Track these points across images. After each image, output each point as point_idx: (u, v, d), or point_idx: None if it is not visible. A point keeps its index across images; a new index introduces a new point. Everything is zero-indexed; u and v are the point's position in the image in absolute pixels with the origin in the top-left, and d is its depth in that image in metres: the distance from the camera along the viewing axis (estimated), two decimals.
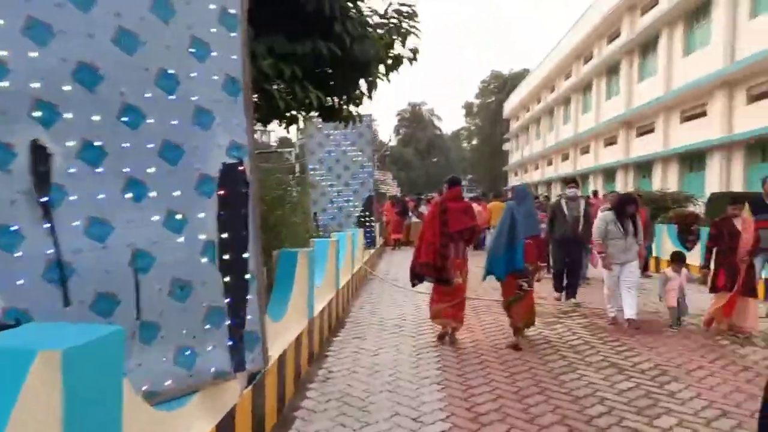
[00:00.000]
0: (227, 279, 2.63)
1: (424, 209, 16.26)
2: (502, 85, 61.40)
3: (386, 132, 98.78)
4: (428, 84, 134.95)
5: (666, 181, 20.09)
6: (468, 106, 67.92)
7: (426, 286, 6.88)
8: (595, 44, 28.43)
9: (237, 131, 2.69)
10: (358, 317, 7.69)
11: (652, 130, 21.94)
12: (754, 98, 15.84)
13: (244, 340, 2.73)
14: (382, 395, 4.38)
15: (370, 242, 12.60)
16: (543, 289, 8.55)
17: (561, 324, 7.01)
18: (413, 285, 6.57)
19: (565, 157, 34.29)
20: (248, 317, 2.75)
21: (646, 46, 23.07)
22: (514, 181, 49.06)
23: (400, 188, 41.95)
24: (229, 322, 2.66)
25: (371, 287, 10.30)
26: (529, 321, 6.18)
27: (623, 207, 6.91)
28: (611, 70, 26.82)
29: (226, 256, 2.63)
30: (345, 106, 5.46)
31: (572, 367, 5.14)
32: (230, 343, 2.66)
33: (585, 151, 30.69)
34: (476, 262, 7.67)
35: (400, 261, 10.71)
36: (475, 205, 8.75)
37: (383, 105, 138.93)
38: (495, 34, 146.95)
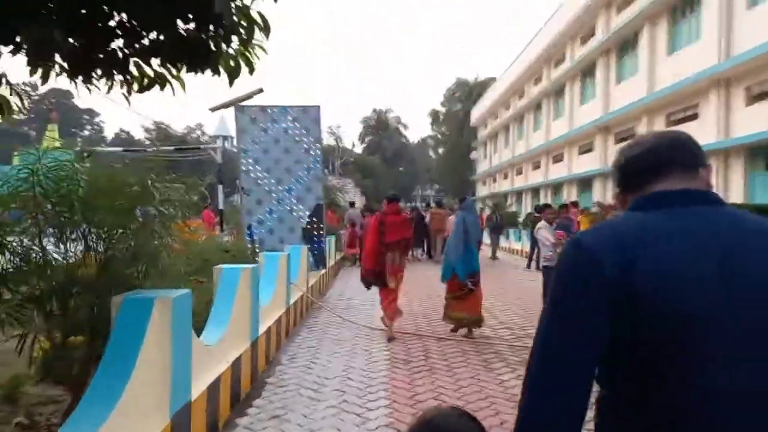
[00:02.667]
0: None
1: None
2: (468, 92, 60.01)
3: (350, 139, 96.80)
4: (394, 91, 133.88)
5: None
6: (434, 114, 66.30)
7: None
8: (567, 45, 26.84)
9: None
10: (284, 377, 5.42)
11: (633, 136, 20.25)
12: (754, 98, 14.18)
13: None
14: None
15: (319, 261, 10.29)
16: None
17: None
18: (368, 288, 7.36)
19: (536, 166, 32.61)
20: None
21: (625, 44, 21.47)
22: (482, 190, 47.37)
23: (365, 197, 39.81)
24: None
25: (315, 323, 7.96)
26: (474, 318, 7.03)
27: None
28: (586, 72, 25.22)
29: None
30: (213, 41, 3.17)
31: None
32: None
33: (558, 159, 29.00)
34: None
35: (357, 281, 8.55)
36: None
37: (347, 111, 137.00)
38: (461, 42, 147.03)
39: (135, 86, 3.68)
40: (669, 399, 1.08)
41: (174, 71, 3.66)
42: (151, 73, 3.65)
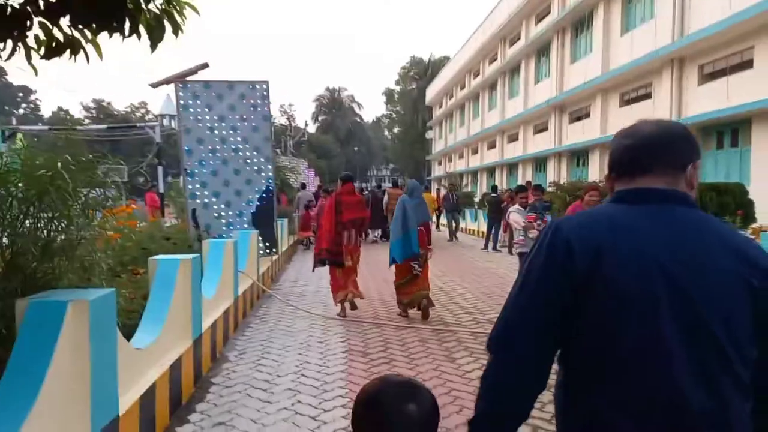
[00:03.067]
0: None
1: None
2: (423, 71, 59.74)
3: (303, 118, 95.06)
4: (347, 69, 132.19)
5: (604, 170, 18.53)
6: (388, 93, 65.85)
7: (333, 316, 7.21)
8: (522, 24, 26.71)
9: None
10: (232, 376, 4.98)
11: (587, 115, 20.36)
12: (707, 77, 14.32)
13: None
14: None
15: (270, 247, 9.75)
16: None
17: None
18: (314, 269, 7.78)
19: (492, 146, 32.65)
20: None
21: (580, 23, 21.46)
22: (437, 170, 47.35)
23: (319, 177, 39.09)
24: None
25: (266, 313, 7.49)
26: (422, 295, 6.99)
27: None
28: (541, 51, 25.18)
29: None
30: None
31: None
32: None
33: (513, 138, 29.06)
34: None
35: (311, 266, 8.11)
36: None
37: (300, 89, 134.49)
38: (415, 19, 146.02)
39: (41, 51, 3.11)
40: (611, 381, 1.15)
41: (88, 34, 3.11)
42: (60, 36, 3.08)
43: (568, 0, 21.77)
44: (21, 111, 67.13)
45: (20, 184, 3.20)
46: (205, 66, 11.31)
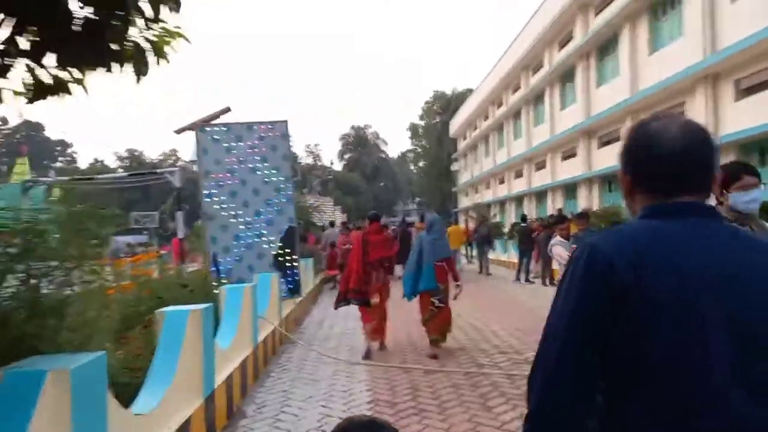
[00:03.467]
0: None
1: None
2: (446, 104, 59.98)
3: (329, 156, 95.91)
4: (371, 107, 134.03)
5: None
6: (413, 128, 66.02)
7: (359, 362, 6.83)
8: (545, 51, 26.48)
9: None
10: None
11: (618, 139, 19.77)
12: (743, 92, 13.69)
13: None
14: None
15: (292, 288, 9.44)
16: None
17: None
18: (336, 308, 7.51)
19: (519, 174, 32.11)
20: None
21: (605, 46, 21.08)
22: (464, 201, 46.85)
23: (346, 214, 39.09)
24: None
25: (288, 360, 7.10)
26: (444, 332, 7.05)
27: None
28: (565, 77, 24.83)
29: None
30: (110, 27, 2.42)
31: None
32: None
33: (541, 166, 28.50)
34: None
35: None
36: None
37: (326, 129, 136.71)
38: (435, 56, 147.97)
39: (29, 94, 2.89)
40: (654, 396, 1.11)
41: (76, 73, 2.89)
42: (48, 79, 2.87)
43: (591, 24, 21.49)
44: (58, 164, 69.58)
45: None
46: (227, 110, 11.27)
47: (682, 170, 1.20)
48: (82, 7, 2.49)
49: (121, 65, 2.58)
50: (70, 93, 2.89)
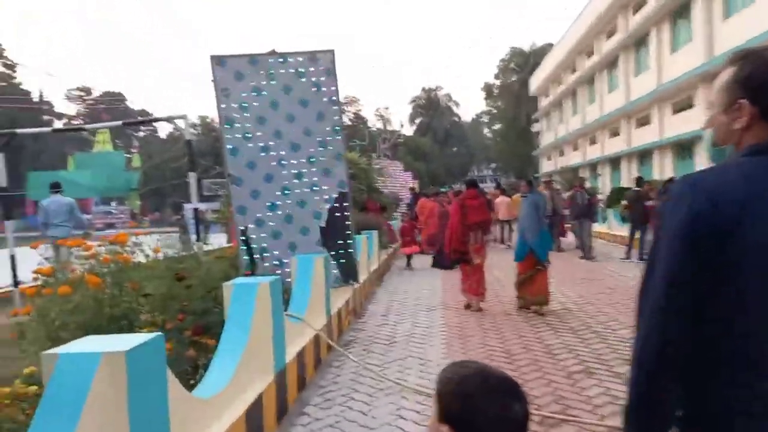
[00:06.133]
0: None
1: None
2: (524, 62, 55.60)
3: (399, 120, 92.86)
4: (442, 68, 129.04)
5: None
6: (488, 88, 61.98)
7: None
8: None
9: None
10: None
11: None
12: None
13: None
14: None
15: (345, 275, 7.14)
16: None
17: None
18: (451, 267, 9.34)
19: (614, 133, 28.19)
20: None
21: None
22: (546, 166, 43.02)
23: (418, 181, 36.54)
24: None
25: (334, 380, 4.78)
26: (543, 299, 7.19)
27: None
28: (677, 13, 20.78)
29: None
30: None
31: None
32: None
33: (643, 122, 24.60)
34: None
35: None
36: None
37: (395, 92, 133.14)
38: (508, 10, 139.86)
39: None
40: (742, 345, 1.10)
41: None
42: None
43: None
44: (140, 133, 71.43)
45: None
46: (273, 54, 8.94)
47: None
48: None
49: None
50: None
